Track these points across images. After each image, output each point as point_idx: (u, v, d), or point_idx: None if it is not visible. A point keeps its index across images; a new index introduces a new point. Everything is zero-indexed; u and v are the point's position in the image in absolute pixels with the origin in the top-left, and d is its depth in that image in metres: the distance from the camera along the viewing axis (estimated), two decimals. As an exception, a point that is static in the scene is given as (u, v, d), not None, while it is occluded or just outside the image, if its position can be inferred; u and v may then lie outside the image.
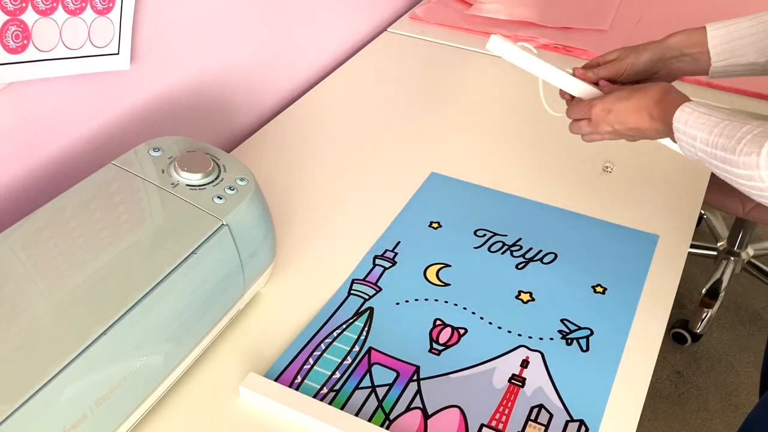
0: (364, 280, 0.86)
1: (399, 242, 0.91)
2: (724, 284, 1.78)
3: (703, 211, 1.92)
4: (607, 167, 1.05)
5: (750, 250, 1.86)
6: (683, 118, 0.71)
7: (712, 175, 1.06)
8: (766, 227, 2.03)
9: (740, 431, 0.97)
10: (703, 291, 1.76)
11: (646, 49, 0.88)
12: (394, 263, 0.88)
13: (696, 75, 0.88)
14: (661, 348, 0.79)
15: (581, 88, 0.88)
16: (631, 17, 1.47)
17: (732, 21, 0.85)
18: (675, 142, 0.73)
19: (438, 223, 0.95)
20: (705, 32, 0.85)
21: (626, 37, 1.40)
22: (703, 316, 1.74)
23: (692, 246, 1.39)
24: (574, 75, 0.90)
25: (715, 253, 1.88)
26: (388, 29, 1.45)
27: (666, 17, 1.48)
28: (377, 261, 0.89)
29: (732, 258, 1.84)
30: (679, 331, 1.77)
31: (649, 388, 0.74)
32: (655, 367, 0.77)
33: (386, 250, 0.90)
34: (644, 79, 0.89)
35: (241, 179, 0.75)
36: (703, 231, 1.98)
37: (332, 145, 1.11)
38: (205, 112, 1.06)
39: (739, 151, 0.65)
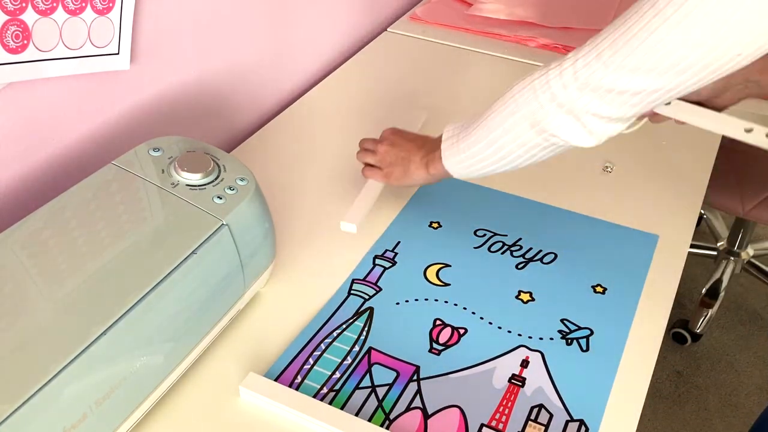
0: (364, 280, 0.86)
1: (399, 242, 0.91)
2: (724, 284, 1.78)
3: (703, 211, 1.92)
4: (607, 167, 1.05)
5: (750, 250, 1.86)
6: (447, 146, 0.82)
7: (712, 175, 1.07)
8: (766, 227, 2.03)
9: (753, 429, 0.97)
10: (703, 291, 1.77)
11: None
12: (394, 263, 0.88)
13: (762, 98, 0.88)
14: (661, 348, 0.79)
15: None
16: (631, 17, 1.47)
17: None
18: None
19: (438, 223, 0.95)
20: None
21: (626, 37, 1.40)
22: (703, 316, 1.74)
23: (692, 246, 1.39)
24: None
25: (715, 253, 1.88)
26: (388, 29, 1.45)
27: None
28: (377, 261, 0.89)
29: (732, 258, 1.85)
30: (679, 331, 1.78)
31: (649, 388, 0.74)
32: (655, 367, 0.77)
33: (386, 250, 0.90)
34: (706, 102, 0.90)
35: (241, 179, 0.75)
36: (703, 231, 1.98)
37: (332, 145, 1.11)
38: (205, 112, 1.06)
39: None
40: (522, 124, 0.71)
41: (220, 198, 0.72)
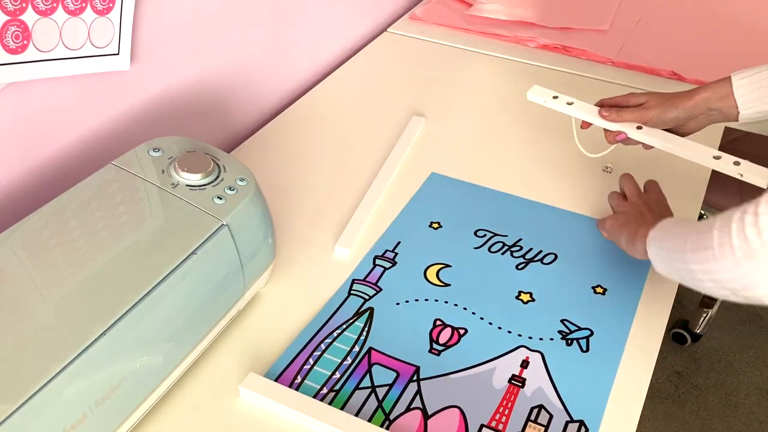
0: (364, 280, 0.86)
1: (399, 242, 0.91)
2: (724, 284, 1.78)
3: (703, 211, 1.92)
4: (607, 168, 1.05)
5: (750, 250, 1.86)
6: (654, 237, 0.77)
7: (712, 175, 1.07)
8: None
9: None
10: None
11: (675, 106, 0.91)
12: (394, 263, 0.88)
13: (725, 122, 0.91)
14: (661, 348, 0.79)
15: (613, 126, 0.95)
16: (631, 17, 1.47)
17: (755, 69, 0.86)
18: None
19: (438, 223, 0.95)
20: (730, 83, 0.87)
21: (626, 37, 1.40)
22: (703, 316, 1.74)
23: (692, 246, 1.38)
24: (600, 115, 0.95)
25: (715, 253, 1.88)
26: (388, 29, 1.45)
27: (666, 17, 1.48)
28: (377, 261, 0.89)
29: (732, 258, 1.84)
30: (679, 331, 1.77)
31: (649, 388, 0.74)
32: (655, 367, 0.77)
33: (386, 251, 0.90)
34: (673, 130, 0.93)
35: (241, 179, 0.75)
36: (703, 231, 1.98)
37: (332, 145, 1.11)
38: (205, 112, 1.06)
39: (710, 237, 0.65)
40: (715, 273, 0.66)
41: (220, 198, 0.72)
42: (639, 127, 0.93)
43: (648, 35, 1.41)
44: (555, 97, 1.02)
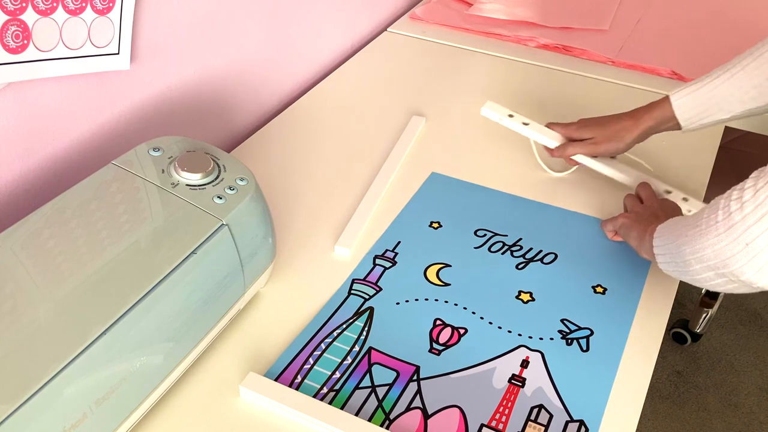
0: (364, 279, 0.86)
1: (399, 242, 0.91)
2: (724, 284, 1.78)
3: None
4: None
5: (750, 250, 1.86)
6: (658, 235, 0.77)
7: (712, 175, 1.07)
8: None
9: None
10: (703, 291, 1.76)
11: (622, 140, 0.95)
12: (394, 263, 0.88)
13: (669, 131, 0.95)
14: (661, 348, 0.79)
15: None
16: (631, 17, 1.47)
17: (691, 87, 0.89)
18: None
19: (438, 223, 0.95)
20: (669, 104, 0.91)
21: (626, 37, 1.40)
22: (703, 316, 1.74)
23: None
24: (550, 154, 1.00)
25: (715, 253, 1.88)
26: (388, 29, 1.45)
27: (666, 17, 1.48)
28: (377, 261, 0.89)
29: (732, 258, 1.84)
30: (679, 331, 1.77)
31: (649, 388, 0.74)
32: (655, 367, 0.77)
33: (386, 250, 0.90)
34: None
35: (241, 179, 0.75)
36: (703, 231, 1.98)
37: (332, 144, 1.11)
38: (205, 112, 1.06)
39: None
40: (700, 251, 0.67)
41: (220, 198, 0.72)
42: (594, 156, 0.98)
43: (648, 35, 1.41)
44: (510, 116, 1.04)
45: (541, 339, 0.79)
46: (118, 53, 0.84)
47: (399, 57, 1.36)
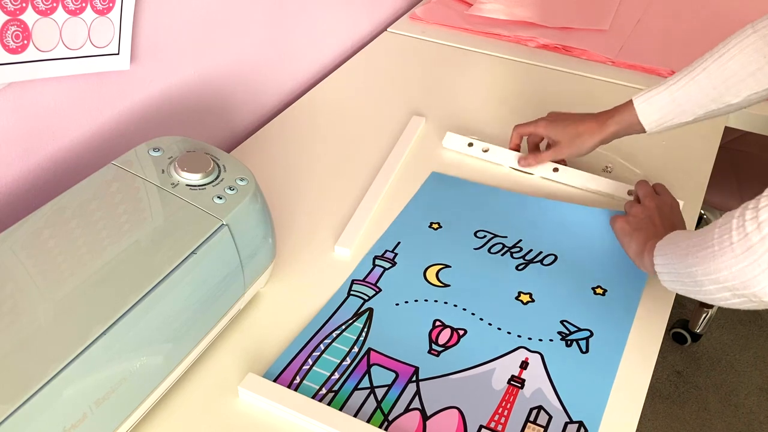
0: (363, 280, 0.86)
1: (399, 243, 0.91)
2: (724, 284, 1.78)
3: (703, 211, 1.92)
4: (607, 168, 1.05)
5: (750, 250, 1.86)
6: (660, 253, 0.76)
7: (712, 175, 1.07)
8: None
9: None
10: (703, 291, 1.76)
11: (585, 144, 0.96)
12: (394, 264, 0.88)
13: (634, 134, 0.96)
14: (661, 348, 0.79)
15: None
16: (631, 17, 1.47)
17: (653, 91, 0.91)
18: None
19: (438, 223, 0.95)
20: (633, 108, 0.92)
21: (626, 37, 1.40)
22: (703, 316, 1.74)
23: (692, 246, 1.39)
24: (519, 164, 1.03)
25: (715, 253, 1.88)
26: (388, 29, 1.45)
27: (666, 17, 1.48)
28: (377, 261, 0.89)
29: (732, 258, 1.84)
30: (679, 331, 1.78)
31: (649, 388, 0.74)
32: (655, 367, 0.77)
33: (386, 251, 0.90)
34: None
35: (241, 179, 0.75)
36: (703, 231, 1.98)
37: (332, 144, 1.11)
38: (205, 112, 1.06)
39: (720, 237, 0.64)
40: (714, 273, 0.65)
41: (220, 198, 0.73)
42: (555, 170, 1.01)
43: (648, 35, 1.41)
44: (470, 145, 1.07)
45: (540, 340, 0.79)
46: (118, 53, 0.84)
47: (399, 57, 1.36)
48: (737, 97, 0.84)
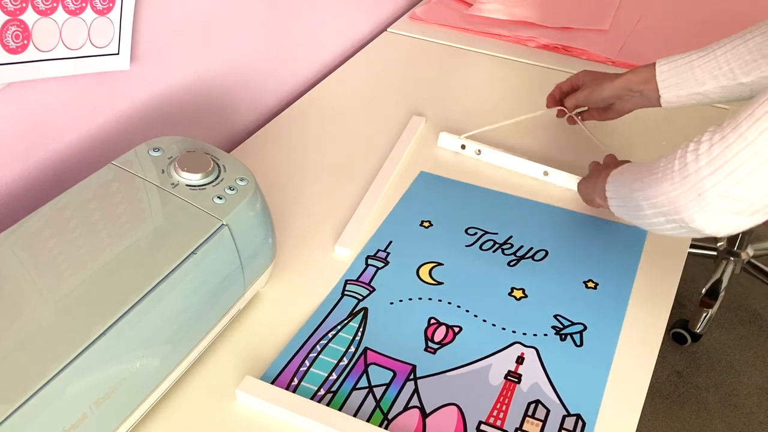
0: (357, 280, 0.86)
1: (391, 242, 0.92)
2: (724, 284, 1.78)
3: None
4: (606, 167, 1.05)
5: (750, 250, 1.86)
6: (612, 179, 0.81)
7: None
8: (766, 227, 2.03)
9: None
10: (703, 291, 1.77)
11: (603, 86, 0.99)
12: (386, 263, 0.89)
13: (648, 107, 0.97)
14: (661, 348, 0.79)
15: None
16: (631, 17, 1.47)
17: (678, 56, 0.93)
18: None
19: (429, 221, 0.95)
20: (653, 67, 0.94)
21: (626, 37, 1.40)
22: (703, 316, 1.74)
23: (692, 246, 1.39)
24: (558, 113, 1.06)
25: (714, 253, 1.88)
26: (388, 29, 1.45)
27: (666, 17, 1.48)
28: (370, 261, 0.89)
29: (732, 258, 1.85)
30: (679, 331, 1.78)
31: (648, 388, 0.74)
32: (654, 367, 0.77)
33: (378, 250, 0.90)
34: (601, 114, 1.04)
35: (241, 179, 0.76)
36: (703, 231, 1.98)
37: (332, 144, 1.11)
38: (205, 112, 1.07)
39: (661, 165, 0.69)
40: (653, 198, 0.70)
41: (220, 198, 0.73)
42: (545, 173, 1.03)
43: (648, 35, 1.41)
44: (463, 147, 1.08)
45: (535, 335, 0.79)
46: (118, 53, 0.84)
47: (399, 57, 1.36)
48: (748, 76, 0.85)
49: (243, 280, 0.75)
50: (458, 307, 0.83)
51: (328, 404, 0.71)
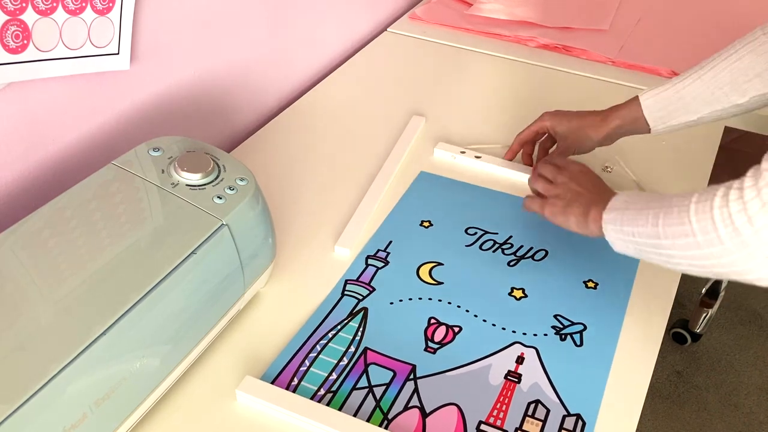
0: (357, 280, 0.86)
1: (391, 242, 0.92)
2: (724, 284, 1.78)
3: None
4: (606, 167, 1.06)
5: (750, 250, 1.86)
6: (611, 220, 0.74)
7: (712, 175, 1.07)
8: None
9: None
10: (703, 291, 1.76)
11: (588, 137, 0.94)
12: (386, 263, 0.89)
13: (637, 134, 0.95)
14: (660, 348, 0.79)
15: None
16: (631, 17, 1.47)
17: (659, 89, 0.90)
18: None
19: (429, 221, 0.95)
20: (638, 105, 0.91)
21: (626, 37, 1.40)
22: (703, 316, 1.74)
23: (692, 246, 1.39)
24: (523, 161, 1.03)
25: (715, 252, 1.88)
26: (388, 29, 1.45)
27: (666, 17, 1.48)
28: (370, 261, 0.89)
29: (732, 258, 1.84)
30: (679, 331, 1.78)
31: (648, 388, 0.74)
32: (654, 367, 0.77)
33: (378, 250, 0.90)
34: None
35: (241, 179, 0.76)
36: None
37: (332, 145, 1.11)
38: (205, 112, 1.07)
39: (691, 221, 0.63)
40: (698, 260, 0.64)
41: (220, 198, 0.73)
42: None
43: (648, 35, 1.41)
44: (462, 152, 1.07)
45: (535, 335, 0.79)
46: (118, 53, 0.84)
47: (399, 57, 1.36)
48: (743, 96, 0.83)
49: (243, 280, 0.75)
50: (458, 307, 0.83)
51: (328, 404, 0.71)
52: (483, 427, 0.70)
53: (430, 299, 0.84)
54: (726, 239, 0.59)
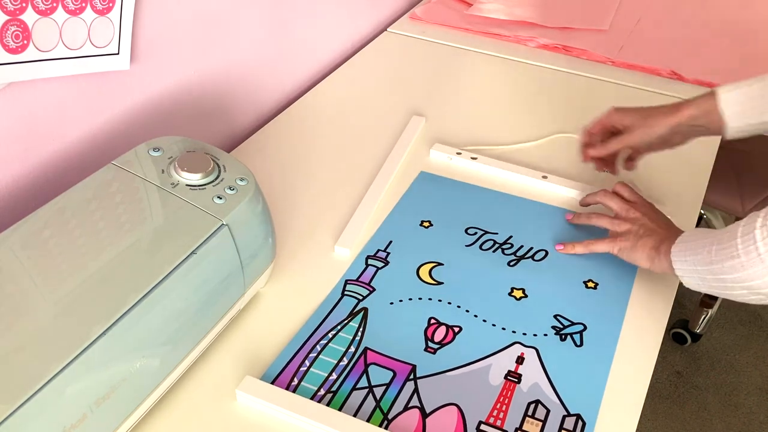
0: (357, 280, 0.86)
1: (391, 242, 0.92)
2: (724, 284, 1.78)
3: (703, 211, 1.92)
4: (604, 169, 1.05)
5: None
6: (678, 252, 0.76)
7: (712, 175, 1.07)
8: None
9: None
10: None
11: (658, 124, 0.90)
12: (386, 263, 0.89)
13: (710, 135, 0.90)
14: (661, 348, 0.79)
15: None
16: (631, 17, 1.47)
17: (740, 84, 0.86)
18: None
19: (429, 221, 0.95)
20: (714, 97, 0.87)
21: (626, 37, 1.40)
22: (703, 316, 1.74)
23: (692, 246, 1.39)
24: (584, 159, 0.99)
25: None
26: (388, 29, 1.45)
27: (666, 17, 1.48)
28: (370, 261, 0.89)
29: (732, 258, 1.84)
30: (679, 331, 1.78)
31: (648, 389, 0.74)
32: (655, 367, 0.77)
33: (378, 250, 0.90)
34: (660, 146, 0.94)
35: (241, 179, 0.76)
36: (703, 231, 1.98)
37: (332, 145, 1.11)
38: (205, 112, 1.07)
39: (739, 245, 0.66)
40: (745, 282, 0.67)
41: (220, 198, 0.73)
42: (544, 176, 0.99)
43: (648, 35, 1.42)
44: (458, 153, 1.06)
45: (535, 335, 0.79)
46: (118, 53, 0.84)
47: (399, 57, 1.36)
48: None
49: (243, 280, 0.75)
50: (458, 307, 0.83)
51: (328, 404, 0.71)
52: (483, 427, 0.70)
53: (430, 299, 0.84)
54: (765, 256, 0.62)
